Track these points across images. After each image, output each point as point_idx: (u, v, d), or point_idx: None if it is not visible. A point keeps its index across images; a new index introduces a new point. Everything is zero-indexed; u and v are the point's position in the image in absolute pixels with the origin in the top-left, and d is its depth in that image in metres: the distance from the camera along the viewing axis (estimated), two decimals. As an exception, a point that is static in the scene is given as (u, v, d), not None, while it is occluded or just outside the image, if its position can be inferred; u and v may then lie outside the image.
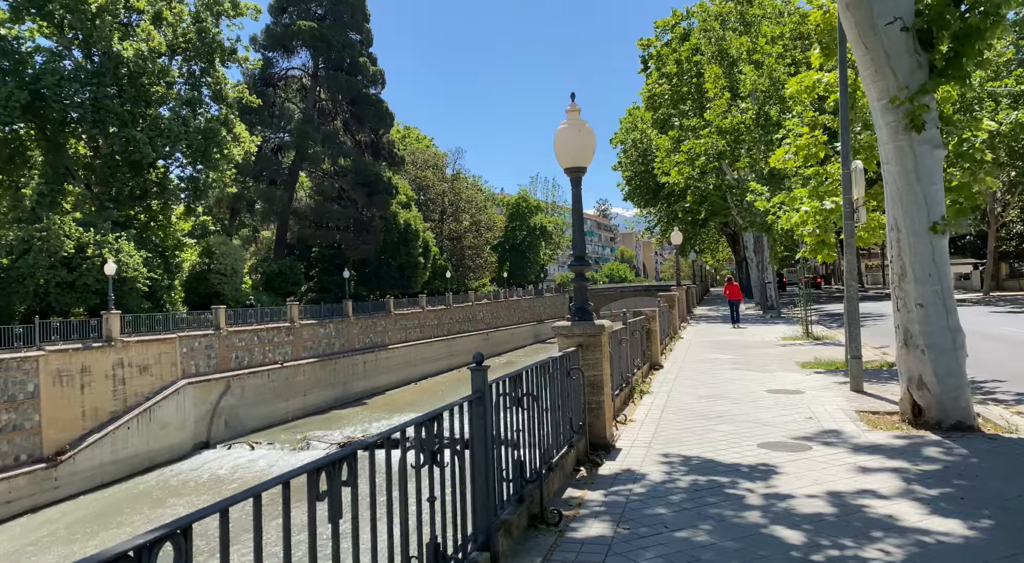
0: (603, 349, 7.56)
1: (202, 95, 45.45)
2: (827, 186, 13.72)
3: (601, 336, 7.48)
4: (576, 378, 6.95)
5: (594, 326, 7.42)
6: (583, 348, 7.41)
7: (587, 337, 7.43)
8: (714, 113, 31.25)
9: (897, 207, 8.19)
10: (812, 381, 11.95)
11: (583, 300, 7.64)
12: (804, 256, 14.65)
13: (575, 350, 7.22)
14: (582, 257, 7.67)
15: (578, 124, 7.56)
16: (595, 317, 7.74)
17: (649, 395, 10.82)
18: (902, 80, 7.91)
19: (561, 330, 7.47)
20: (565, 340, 7.45)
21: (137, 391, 32.27)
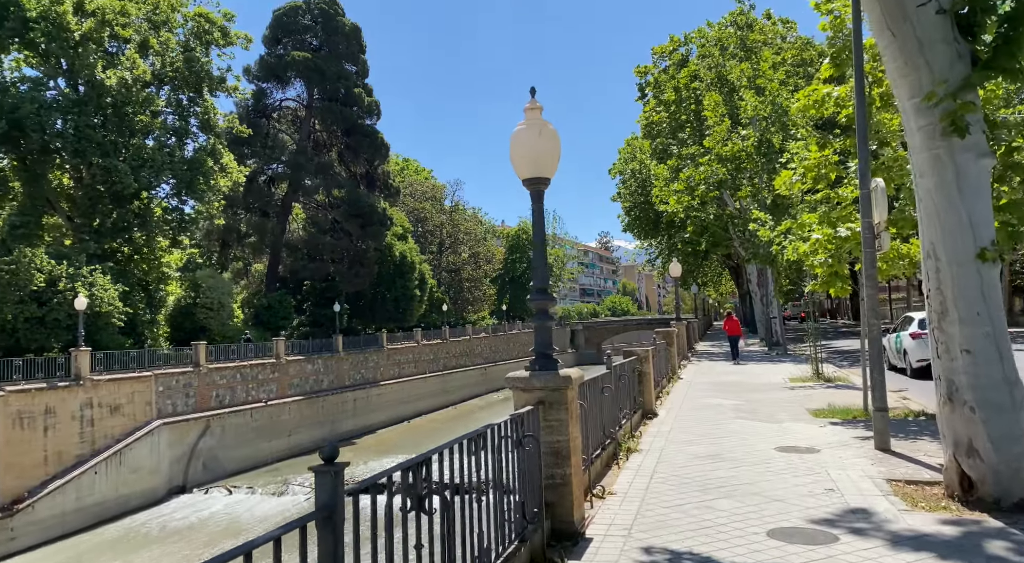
0: (570, 406, 5.95)
1: (189, 125, 44.41)
2: (840, 211, 12.19)
3: (567, 391, 5.88)
4: (531, 448, 5.33)
5: (558, 378, 5.83)
6: (544, 406, 5.82)
7: (549, 392, 5.84)
8: (714, 140, 29.93)
9: (935, 230, 6.62)
10: (828, 435, 10.27)
11: (545, 344, 6.05)
12: (814, 289, 13.06)
13: (533, 409, 5.62)
14: (544, 289, 6.11)
15: (539, 125, 6.06)
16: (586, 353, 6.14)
17: (637, 454, 9.14)
18: (938, 73, 6.41)
19: (516, 383, 5.87)
20: (521, 396, 5.86)
21: (107, 433, 30.50)
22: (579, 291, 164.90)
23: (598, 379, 8.51)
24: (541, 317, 6.11)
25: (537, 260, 6.17)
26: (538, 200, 6.17)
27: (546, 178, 6.11)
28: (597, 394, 8.29)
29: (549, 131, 6.06)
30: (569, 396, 5.92)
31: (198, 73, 43.49)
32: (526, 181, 6.12)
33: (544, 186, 6.16)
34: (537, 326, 6.13)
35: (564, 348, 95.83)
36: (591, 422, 7.65)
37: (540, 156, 6.03)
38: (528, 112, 6.12)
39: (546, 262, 6.16)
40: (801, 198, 19.91)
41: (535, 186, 6.12)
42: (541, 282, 6.11)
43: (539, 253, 6.18)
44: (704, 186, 30.18)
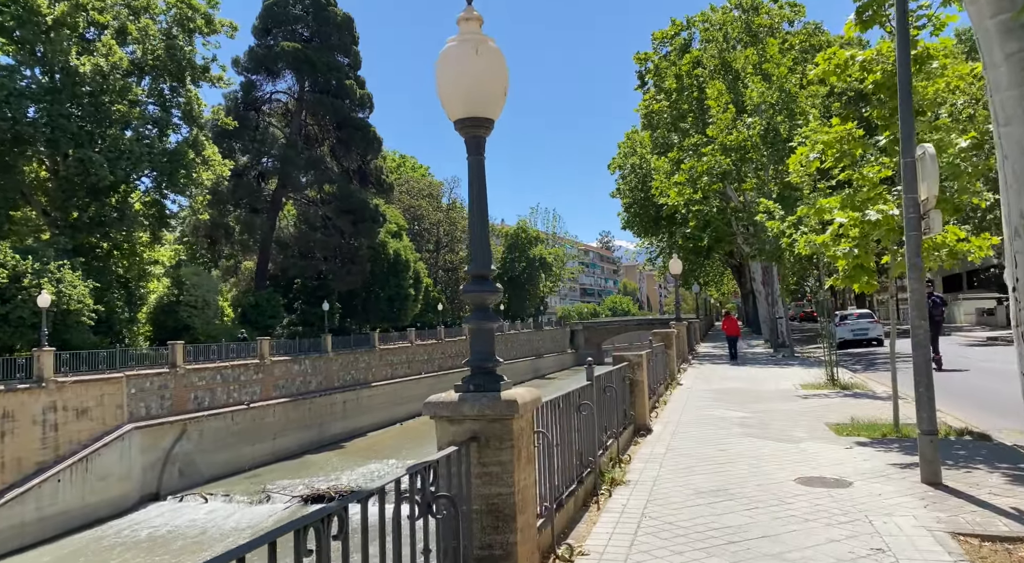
0: (519, 442, 4.17)
1: (172, 116, 42.63)
2: (867, 192, 10.38)
3: (512, 421, 4.10)
4: (448, 514, 3.54)
5: (499, 403, 4.05)
6: (479, 444, 4.05)
7: (486, 424, 4.07)
8: (718, 129, 28.10)
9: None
10: (857, 460, 8.47)
11: (484, 354, 4.28)
12: (835, 284, 11.26)
13: (456, 452, 3.84)
14: (484, 277, 4.32)
15: (475, 41, 4.27)
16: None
17: (624, 488, 7.33)
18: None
19: (438, 409, 4.10)
20: (446, 429, 4.10)
21: (72, 438, 28.75)
22: (579, 291, 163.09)
23: (573, 395, 6.71)
24: (479, 316, 4.33)
25: (475, 237, 4.38)
26: (476, 151, 4.39)
27: (486, 119, 4.33)
28: (571, 415, 6.49)
29: (490, 49, 4.28)
30: (516, 428, 4.13)
31: (180, 62, 41.71)
32: (459, 123, 4.34)
33: (484, 131, 4.38)
34: (473, 328, 4.36)
35: (563, 348, 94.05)
36: (560, 456, 5.86)
37: (478, 85, 4.24)
38: (463, 23, 4.33)
39: (487, 241, 4.37)
40: (814, 186, 18.10)
41: (471, 130, 4.35)
42: (480, 267, 4.33)
43: (477, 227, 4.40)
44: (707, 178, 28.35)
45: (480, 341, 4.33)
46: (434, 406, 4.12)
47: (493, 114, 4.34)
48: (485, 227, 4.38)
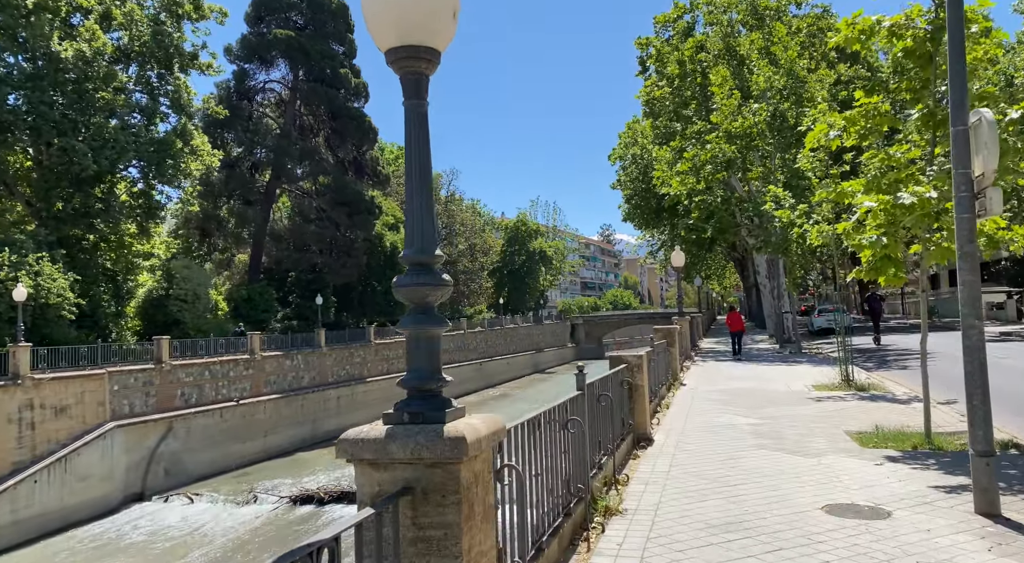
0: (469, 494, 3.03)
1: (159, 104, 41.44)
2: (897, 173, 9.20)
3: (460, 467, 2.95)
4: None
5: (442, 441, 2.91)
6: (415, 499, 2.91)
7: (425, 469, 2.94)
8: (722, 115, 26.87)
9: None
10: (890, 479, 7.32)
11: (425, 370, 3.13)
12: (858, 276, 10.10)
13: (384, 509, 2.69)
14: (426, 267, 3.16)
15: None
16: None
17: (620, 520, 6.17)
18: None
19: (358, 449, 2.96)
20: (370, 476, 2.97)
21: (51, 437, 27.64)
22: (580, 284, 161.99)
23: (559, 410, 5.56)
24: (418, 318, 3.17)
25: (413, 212, 3.21)
26: (415, 93, 3.22)
27: (428, 49, 3.15)
28: (555, 435, 5.34)
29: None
30: (466, 475, 2.98)
31: (168, 48, 40.49)
32: (392, 55, 3.17)
33: (426, 65, 3.21)
34: (410, 335, 3.19)
35: (564, 343, 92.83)
36: (539, 489, 4.72)
37: (415, 4, 3.06)
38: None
39: (430, 216, 3.20)
40: (826, 171, 16.92)
41: (408, 65, 3.18)
42: (419, 252, 3.17)
43: (416, 198, 3.22)
44: (711, 166, 27.13)
45: (419, 352, 3.17)
46: (351, 445, 2.96)
47: (437, 43, 3.17)
48: (427, 197, 3.21)
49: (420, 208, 3.19)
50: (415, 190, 3.20)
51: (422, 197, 3.20)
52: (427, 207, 3.20)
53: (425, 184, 3.21)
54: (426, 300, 3.16)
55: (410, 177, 3.20)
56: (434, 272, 3.18)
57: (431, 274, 3.16)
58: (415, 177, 3.20)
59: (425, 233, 3.17)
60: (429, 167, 3.22)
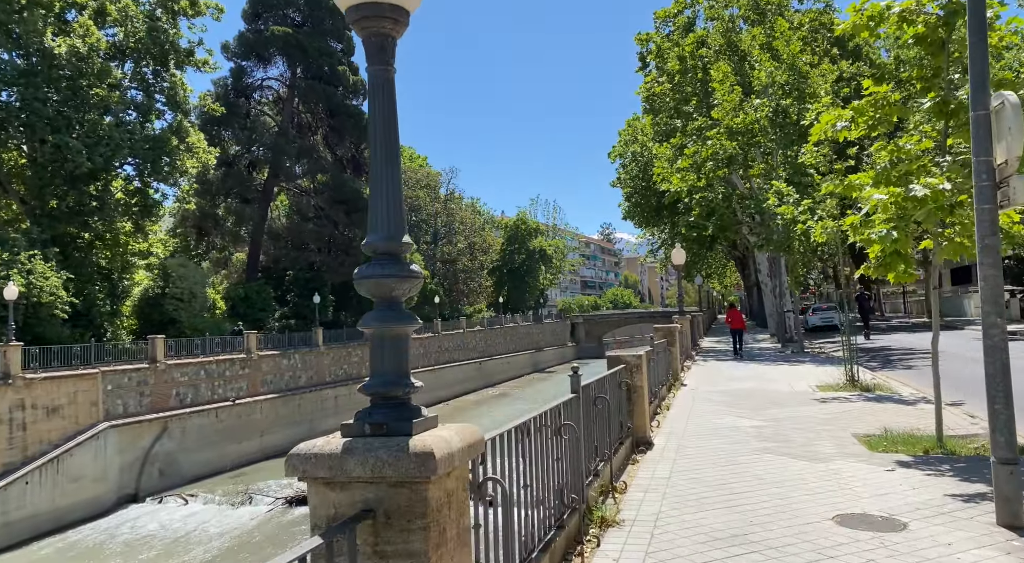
0: (439, 517, 2.63)
1: (155, 101, 41.05)
2: (908, 165, 8.80)
3: (428, 487, 2.55)
4: None
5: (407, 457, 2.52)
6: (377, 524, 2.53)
7: (388, 489, 2.56)
8: (723, 111, 26.46)
9: None
10: (904, 487, 6.92)
11: (391, 374, 2.76)
12: (866, 273, 9.70)
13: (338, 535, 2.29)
14: (394, 254, 2.77)
15: None
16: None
17: (617, 531, 5.77)
18: None
19: (311, 466, 2.57)
20: (326, 498, 2.56)
21: (42, 438, 27.27)
22: (580, 283, 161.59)
23: (551, 414, 5.17)
24: (384, 315, 2.79)
25: (379, 194, 2.82)
26: (380, 59, 2.83)
27: (394, 6, 2.75)
28: (547, 442, 4.95)
29: None
30: (435, 496, 2.58)
31: (163, 45, 40.10)
32: (354, 14, 2.78)
33: (393, 27, 2.81)
34: (374, 334, 2.81)
35: (564, 342, 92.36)
36: (528, 504, 4.33)
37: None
38: None
39: (398, 198, 2.80)
40: (830, 166, 16.52)
41: (371, 24, 2.79)
42: (384, 238, 2.78)
43: (382, 179, 2.83)
44: (712, 163, 26.72)
45: (384, 354, 2.79)
46: (302, 460, 2.57)
47: (404, 0, 2.77)
48: (395, 177, 2.82)
49: (387, 189, 2.81)
50: (381, 169, 2.81)
51: (389, 177, 2.81)
52: (394, 188, 2.81)
53: (392, 162, 2.82)
54: (392, 294, 2.77)
55: (376, 154, 2.81)
56: (402, 262, 2.79)
57: (398, 265, 2.78)
58: (381, 154, 2.81)
59: (392, 218, 2.79)
60: (397, 142, 2.83)
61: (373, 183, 2.80)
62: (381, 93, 2.80)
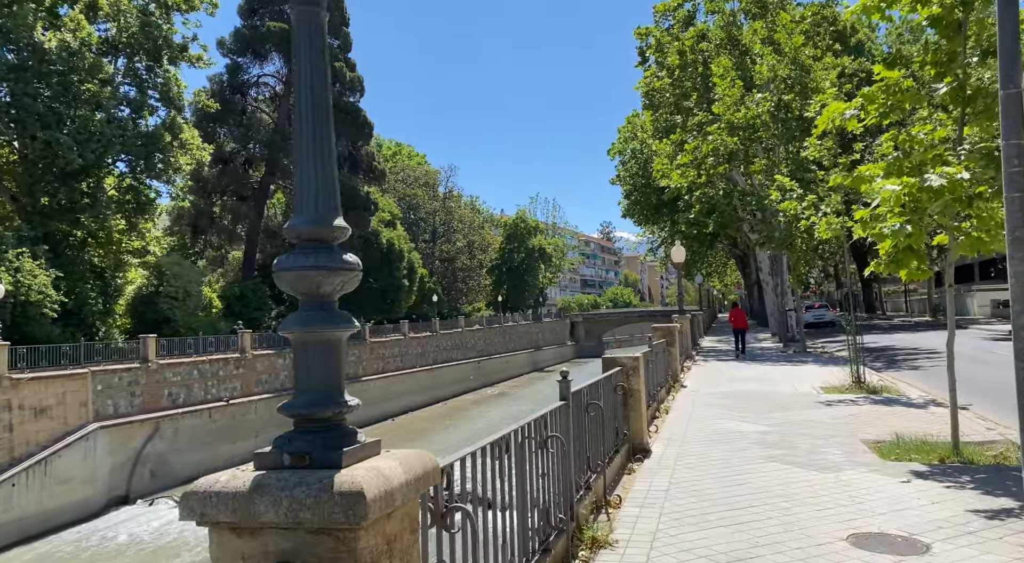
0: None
1: (148, 97, 40.50)
2: (924, 154, 8.26)
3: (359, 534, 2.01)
4: None
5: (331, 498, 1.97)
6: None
7: (307, 537, 2.00)
8: (724, 106, 25.91)
9: None
10: (923, 500, 6.39)
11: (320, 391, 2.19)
12: (876, 270, 9.18)
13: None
14: (324, 241, 2.21)
15: None
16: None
17: (609, 553, 5.23)
18: None
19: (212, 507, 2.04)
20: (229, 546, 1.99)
21: (30, 439, 26.71)
22: (580, 282, 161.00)
23: (535, 426, 4.64)
24: (311, 316, 2.24)
25: (307, 164, 2.27)
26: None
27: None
28: (529, 458, 4.42)
29: None
30: (372, 543, 2.05)
31: (156, 40, 39.53)
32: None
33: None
34: (297, 339, 2.26)
35: (563, 341, 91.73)
36: (503, 531, 3.80)
37: None
38: None
39: (330, 170, 2.26)
40: (834, 160, 15.98)
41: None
42: (314, 221, 2.23)
43: (313, 143, 2.28)
44: (712, 159, 26.17)
45: (311, 365, 2.25)
46: (200, 500, 2.04)
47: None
48: (325, 146, 2.28)
49: (316, 159, 2.27)
50: (308, 132, 2.27)
51: (318, 143, 2.27)
52: (325, 158, 2.27)
53: (323, 126, 2.29)
54: (320, 291, 2.23)
55: (301, 115, 2.28)
56: (332, 251, 2.25)
57: (329, 253, 2.24)
58: (307, 115, 2.27)
59: (321, 196, 2.25)
60: (327, 102, 2.29)
61: (298, 151, 2.26)
62: (308, 38, 2.27)
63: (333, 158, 2.29)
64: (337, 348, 2.28)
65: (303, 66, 2.26)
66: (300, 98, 2.26)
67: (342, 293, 2.31)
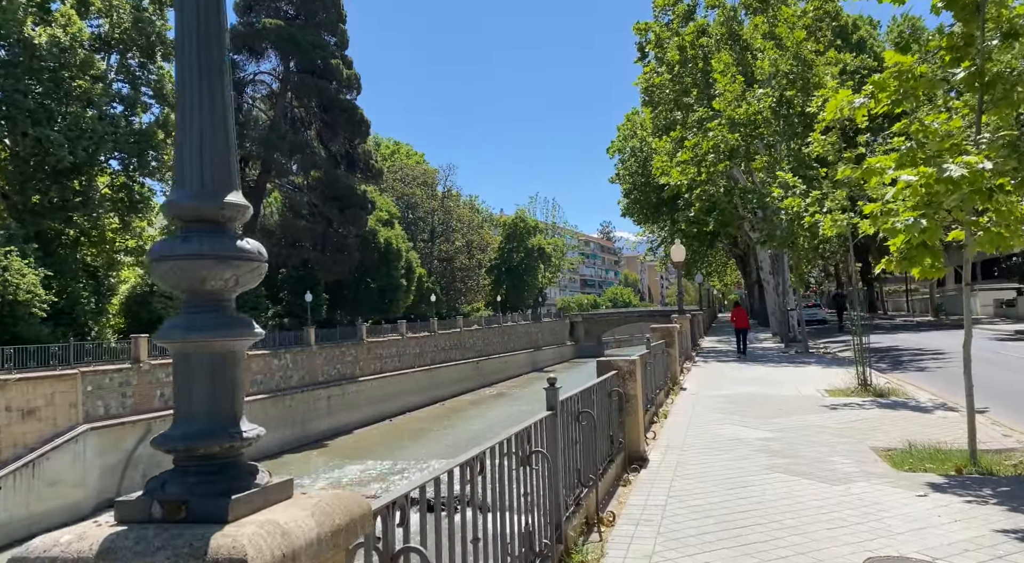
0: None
1: (141, 93, 39.99)
2: (940, 143, 7.75)
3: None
4: None
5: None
6: None
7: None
8: (725, 101, 25.38)
9: None
10: (943, 519, 5.87)
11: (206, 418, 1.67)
12: (888, 268, 8.66)
13: None
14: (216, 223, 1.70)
15: None
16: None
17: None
18: None
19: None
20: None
21: (17, 441, 26.22)
22: (580, 282, 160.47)
23: (518, 440, 4.12)
24: (196, 320, 1.70)
25: (193, 121, 1.73)
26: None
27: None
28: (509, 477, 3.90)
29: None
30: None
31: (149, 36, 39.01)
32: None
33: None
34: (178, 351, 1.72)
35: (563, 341, 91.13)
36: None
37: None
38: None
39: (226, 133, 1.73)
40: (839, 156, 15.46)
41: None
42: (199, 195, 1.69)
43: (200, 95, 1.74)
44: (713, 156, 25.64)
45: (195, 384, 1.73)
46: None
47: None
48: (216, 96, 1.76)
49: (203, 118, 1.74)
50: (192, 83, 1.75)
51: (208, 100, 1.75)
52: (217, 119, 1.74)
53: (213, 75, 1.76)
54: (205, 287, 1.71)
55: (184, 58, 1.75)
56: (224, 235, 1.73)
57: (217, 238, 1.72)
58: (191, 58, 1.75)
59: (211, 165, 1.73)
60: (221, 42, 1.76)
61: (180, 107, 1.74)
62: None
63: (229, 117, 1.77)
64: (231, 362, 1.77)
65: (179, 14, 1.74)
66: (183, 38, 1.74)
67: (240, 290, 1.80)
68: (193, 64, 1.73)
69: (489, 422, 43.81)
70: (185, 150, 1.73)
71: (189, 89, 1.73)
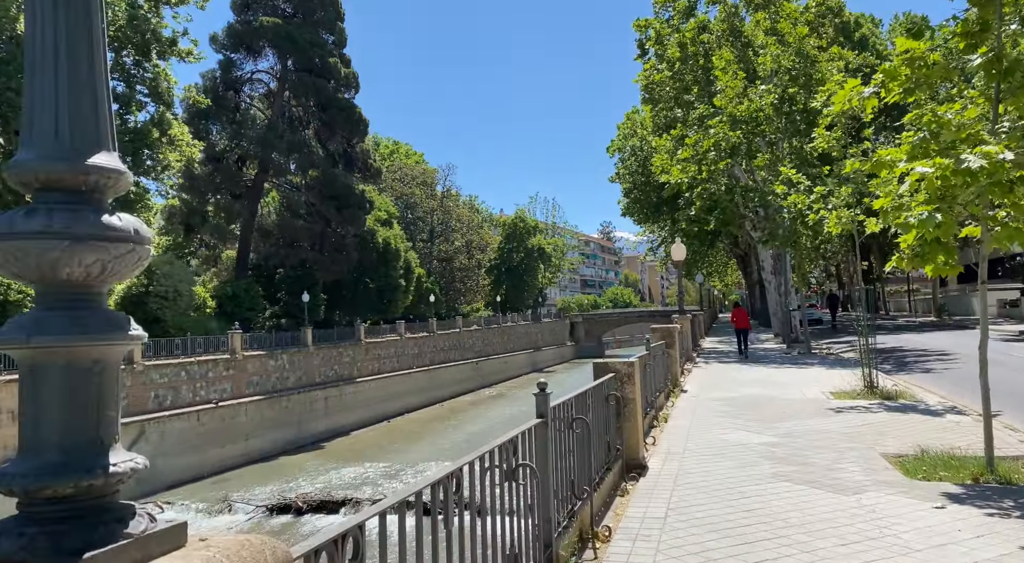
0: None
1: (136, 92, 39.58)
2: (956, 133, 7.34)
3: None
4: None
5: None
6: None
7: None
8: (726, 99, 24.98)
9: None
10: (964, 533, 5.45)
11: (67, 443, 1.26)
12: (899, 266, 8.26)
13: None
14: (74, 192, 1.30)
15: None
16: None
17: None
18: None
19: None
20: None
21: (8, 443, 25.89)
22: (580, 282, 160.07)
23: (502, 452, 3.72)
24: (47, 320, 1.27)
25: (46, 63, 1.33)
26: None
27: None
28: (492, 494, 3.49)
29: None
30: None
31: (144, 34, 38.58)
32: None
33: None
34: (23, 357, 1.31)
35: (563, 341, 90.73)
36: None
37: None
38: None
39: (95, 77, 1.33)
40: (844, 152, 15.05)
41: None
42: (49, 156, 1.27)
43: (52, 26, 1.32)
44: (714, 153, 25.24)
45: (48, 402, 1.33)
46: None
47: None
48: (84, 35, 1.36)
49: (59, 55, 1.33)
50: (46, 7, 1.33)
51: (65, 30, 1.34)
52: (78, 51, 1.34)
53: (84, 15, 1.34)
54: (57, 275, 1.31)
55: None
56: (85, 207, 1.32)
57: (78, 211, 1.32)
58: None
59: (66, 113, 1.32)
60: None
61: (30, 42, 1.34)
62: None
63: (98, 55, 1.37)
64: (97, 374, 1.36)
65: None
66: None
67: (113, 280, 1.39)
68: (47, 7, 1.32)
69: (489, 422, 43.46)
70: (36, 97, 1.32)
71: (41, 16, 1.32)
